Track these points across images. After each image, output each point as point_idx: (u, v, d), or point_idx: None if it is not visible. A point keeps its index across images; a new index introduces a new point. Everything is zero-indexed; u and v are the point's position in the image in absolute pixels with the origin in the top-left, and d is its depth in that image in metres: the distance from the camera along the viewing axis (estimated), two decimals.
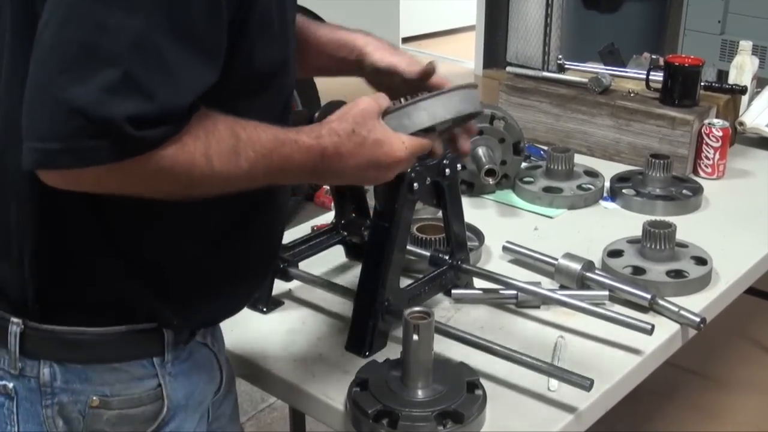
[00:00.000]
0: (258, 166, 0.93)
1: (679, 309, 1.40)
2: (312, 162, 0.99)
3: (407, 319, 1.12)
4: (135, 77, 0.81)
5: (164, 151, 0.85)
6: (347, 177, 1.04)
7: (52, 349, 1.00)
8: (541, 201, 1.85)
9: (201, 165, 0.88)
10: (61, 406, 1.00)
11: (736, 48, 2.31)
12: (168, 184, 0.89)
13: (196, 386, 1.10)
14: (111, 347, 1.01)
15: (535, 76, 2.23)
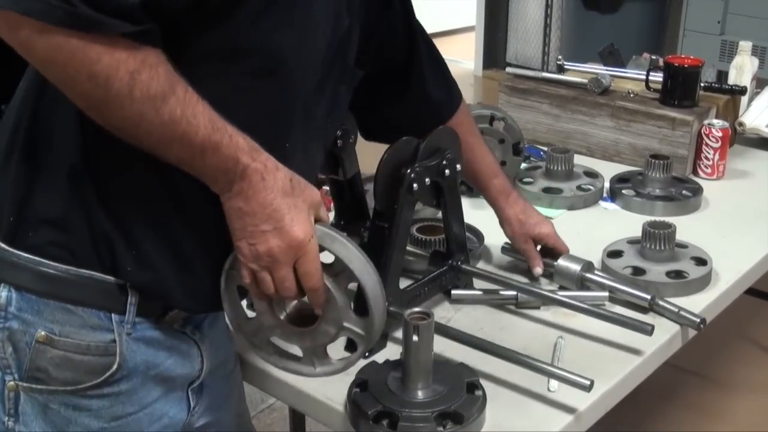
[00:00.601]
0: (178, 127, 0.90)
1: (679, 309, 1.40)
2: (234, 164, 0.94)
3: (407, 319, 1.12)
4: None
5: (93, 42, 0.84)
6: (247, 207, 0.97)
7: (12, 274, 1.01)
8: (540, 202, 1.85)
9: (122, 80, 0.86)
10: (11, 332, 1.01)
11: (736, 48, 2.31)
12: (85, 80, 0.86)
13: (162, 361, 1.08)
14: (70, 287, 1.01)
15: (534, 76, 2.23)
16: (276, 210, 0.97)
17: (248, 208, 0.97)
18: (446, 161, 1.32)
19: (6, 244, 1.02)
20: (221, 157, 0.94)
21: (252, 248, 0.99)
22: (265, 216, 0.97)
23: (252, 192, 0.96)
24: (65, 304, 1.01)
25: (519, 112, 2.16)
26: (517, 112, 2.15)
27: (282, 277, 1.01)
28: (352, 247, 1.08)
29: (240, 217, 0.98)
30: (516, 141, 1.87)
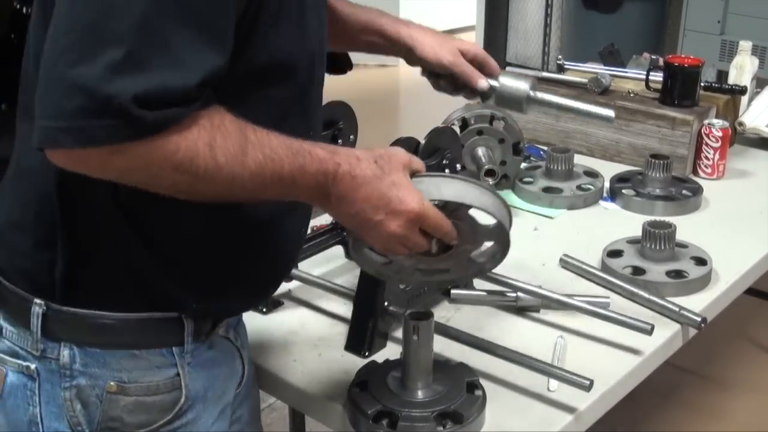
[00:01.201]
0: (266, 170, 0.91)
1: (680, 309, 1.40)
2: (323, 176, 0.95)
3: (407, 319, 1.12)
4: (139, 56, 0.81)
5: (167, 136, 0.84)
6: (354, 208, 0.97)
7: (72, 332, 1.01)
8: (540, 201, 1.85)
9: (204, 156, 0.86)
10: (79, 389, 1.01)
11: (736, 48, 2.31)
12: (171, 173, 0.87)
13: (216, 379, 1.10)
14: (131, 333, 1.01)
15: (534, 76, 2.22)
16: (379, 197, 0.97)
17: (354, 209, 0.97)
18: (446, 160, 1.32)
19: (61, 304, 1.00)
20: (310, 178, 0.94)
21: (376, 238, 1.00)
22: (373, 208, 0.97)
23: (350, 194, 0.96)
24: (130, 350, 1.01)
25: None
26: None
27: (414, 244, 1.00)
28: (455, 183, 1.04)
29: (351, 218, 0.98)
30: (516, 140, 1.87)
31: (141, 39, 0.82)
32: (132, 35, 0.82)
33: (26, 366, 1.02)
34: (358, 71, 1.49)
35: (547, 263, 1.60)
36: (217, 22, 0.87)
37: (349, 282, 1.46)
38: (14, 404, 1.03)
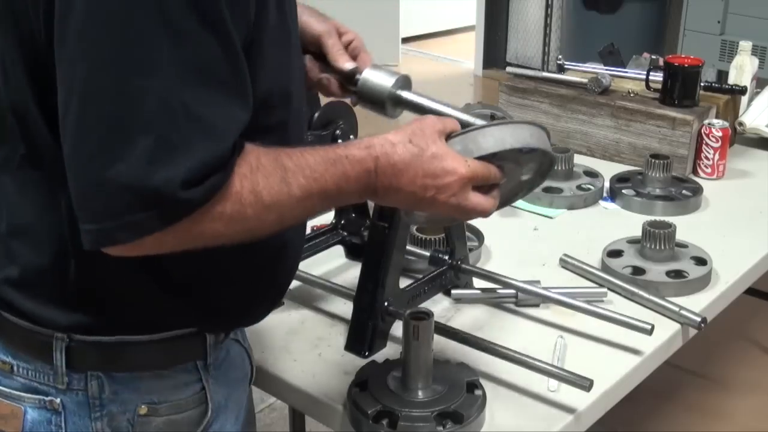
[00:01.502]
0: (312, 190, 0.91)
1: (680, 309, 1.41)
2: (366, 175, 0.94)
3: (407, 319, 1.12)
4: (171, 139, 0.80)
5: (214, 202, 0.84)
6: (403, 193, 0.96)
7: (98, 361, 0.99)
8: (540, 201, 1.85)
9: (251, 203, 0.86)
10: (110, 416, 1.00)
11: (736, 48, 2.31)
12: (226, 230, 0.87)
13: (235, 386, 1.11)
14: (157, 354, 1.01)
15: (534, 76, 2.23)
16: (424, 175, 0.96)
17: (403, 194, 0.97)
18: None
19: (85, 335, 0.98)
20: (354, 182, 0.94)
21: (439, 210, 0.99)
22: (421, 188, 0.96)
23: (395, 182, 0.95)
24: (158, 371, 1.01)
25: (519, 111, 2.16)
26: (518, 111, 2.15)
27: (469, 207, 1.00)
28: (490, 131, 1.02)
29: (403, 203, 0.99)
30: None
31: (168, 120, 0.80)
32: (158, 119, 0.80)
33: (49, 401, 0.99)
34: None
35: (547, 263, 1.60)
36: (233, 75, 0.85)
37: (349, 282, 1.46)
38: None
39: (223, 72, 0.84)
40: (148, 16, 0.80)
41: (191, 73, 0.82)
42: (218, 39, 0.83)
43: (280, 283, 1.12)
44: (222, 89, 0.84)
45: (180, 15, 0.81)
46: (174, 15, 0.80)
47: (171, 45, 0.80)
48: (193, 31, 0.81)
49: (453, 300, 1.45)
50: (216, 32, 0.83)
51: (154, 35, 0.80)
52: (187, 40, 0.81)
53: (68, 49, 0.82)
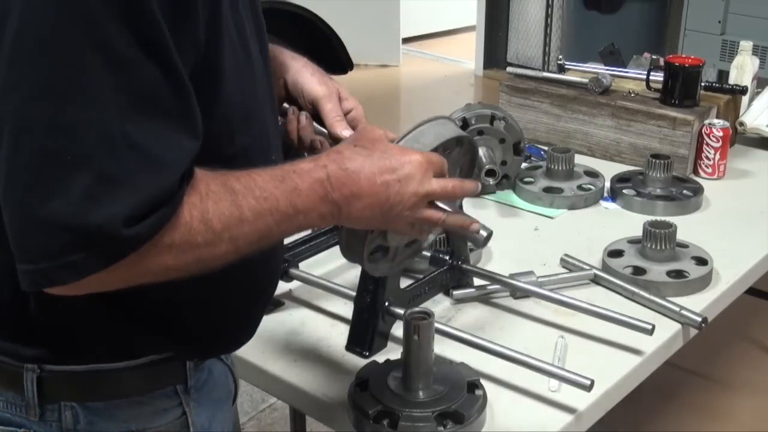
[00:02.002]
0: (263, 211, 0.86)
1: (681, 309, 1.41)
2: (319, 185, 0.89)
3: (407, 319, 1.12)
4: (111, 174, 0.75)
5: (162, 234, 0.79)
6: (366, 198, 0.92)
7: (71, 390, 0.95)
8: (541, 201, 1.85)
9: (201, 232, 0.81)
10: None
11: (737, 48, 2.31)
12: (175, 263, 0.82)
13: (219, 406, 1.06)
14: (133, 380, 0.96)
15: (535, 76, 2.23)
16: (382, 173, 0.93)
17: (370, 201, 0.92)
18: None
19: (56, 364, 0.93)
20: (307, 195, 0.89)
21: (403, 212, 0.95)
22: (384, 185, 0.93)
23: (353, 188, 0.91)
24: (135, 398, 0.96)
25: (520, 111, 2.16)
26: (518, 111, 2.15)
27: (438, 194, 0.98)
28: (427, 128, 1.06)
29: (370, 212, 0.94)
30: (517, 140, 1.87)
31: (108, 153, 0.75)
32: (97, 152, 0.75)
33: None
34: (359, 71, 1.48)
35: (547, 263, 1.60)
36: (178, 103, 0.80)
37: (349, 282, 1.46)
38: None
39: (167, 101, 0.79)
40: (86, 43, 0.74)
41: (133, 103, 0.76)
42: (161, 67, 0.78)
43: (255, 312, 1.08)
44: (166, 118, 0.79)
45: (120, 42, 0.75)
46: (113, 42, 0.75)
47: (110, 74, 0.75)
48: (134, 59, 0.76)
49: (454, 300, 1.45)
50: (158, 60, 0.78)
51: (93, 63, 0.74)
52: (128, 68, 0.76)
53: (1, 76, 0.76)
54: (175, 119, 0.80)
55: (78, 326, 0.93)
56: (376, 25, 6.14)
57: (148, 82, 0.77)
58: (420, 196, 0.96)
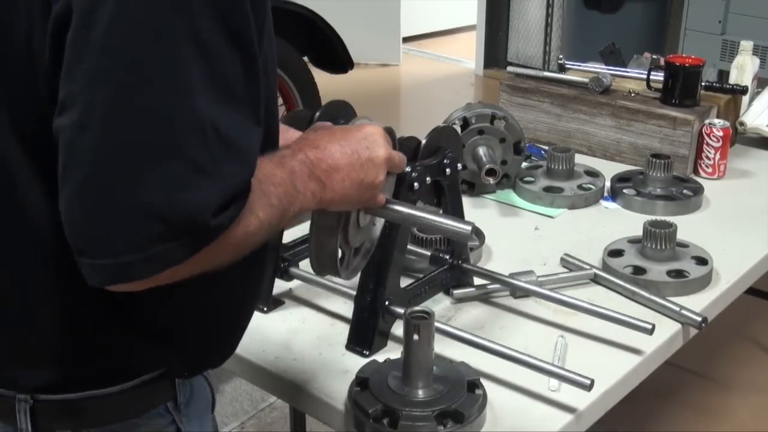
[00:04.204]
0: (281, 196, 0.87)
1: (681, 308, 1.41)
2: (306, 167, 0.92)
3: (408, 318, 1.12)
4: (202, 164, 0.76)
5: (238, 223, 0.80)
6: (342, 170, 0.96)
7: (67, 419, 0.93)
8: (541, 201, 1.85)
9: (255, 224, 0.83)
10: None
11: (737, 48, 2.31)
12: (233, 253, 0.83)
13: (204, 417, 1.06)
14: (128, 403, 0.95)
15: (535, 75, 2.23)
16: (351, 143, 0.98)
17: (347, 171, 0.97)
18: (447, 160, 1.32)
19: (50, 393, 0.92)
20: (300, 177, 0.92)
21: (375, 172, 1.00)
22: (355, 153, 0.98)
23: (332, 161, 0.95)
24: (130, 420, 0.96)
25: (520, 111, 2.16)
26: (518, 111, 2.15)
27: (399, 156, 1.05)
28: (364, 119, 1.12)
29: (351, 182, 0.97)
30: (517, 140, 1.87)
31: (198, 143, 0.76)
32: (189, 142, 0.75)
33: None
34: (360, 70, 1.48)
35: (547, 263, 1.60)
36: (254, 97, 0.82)
37: (349, 281, 1.46)
38: None
39: (246, 94, 0.80)
40: (180, 32, 0.75)
41: (218, 92, 0.77)
42: (244, 60, 0.79)
43: (243, 321, 1.07)
44: (246, 111, 0.81)
45: (211, 33, 0.76)
46: (205, 32, 0.76)
47: (201, 64, 0.76)
48: (224, 51, 0.77)
49: (454, 299, 1.45)
50: (244, 52, 0.79)
51: (187, 54, 0.75)
52: (217, 59, 0.77)
53: (87, 68, 0.74)
54: (252, 112, 0.81)
55: (77, 348, 0.92)
56: (376, 25, 6.14)
57: (233, 75, 0.79)
58: (388, 159, 1.01)
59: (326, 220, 1.06)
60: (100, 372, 0.93)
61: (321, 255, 1.10)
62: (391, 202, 1.10)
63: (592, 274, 1.52)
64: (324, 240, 1.08)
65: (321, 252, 1.10)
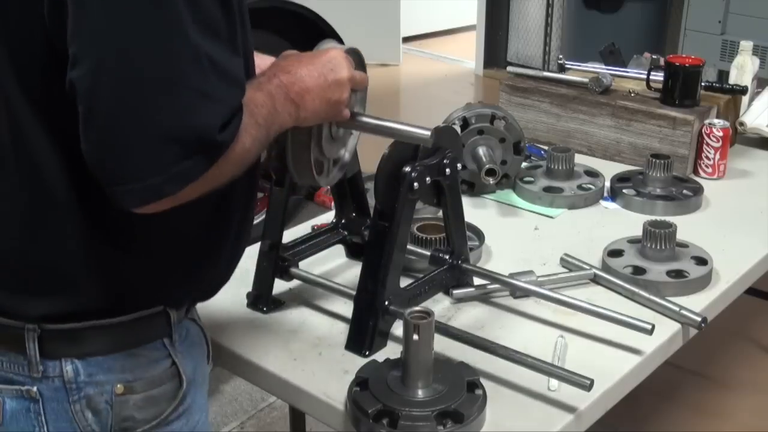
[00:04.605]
0: (267, 116, 1.00)
1: (680, 308, 1.41)
2: (282, 90, 1.04)
3: (407, 318, 1.12)
4: (205, 90, 0.89)
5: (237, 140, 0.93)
6: (312, 91, 1.08)
7: (71, 347, 1.02)
8: (541, 201, 1.85)
9: (248, 141, 0.96)
10: (88, 399, 1.03)
11: (737, 48, 2.31)
12: (234, 169, 0.96)
13: (198, 361, 1.14)
14: (128, 334, 1.04)
15: (535, 75, 2.23)
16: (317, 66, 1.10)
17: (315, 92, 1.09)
18: (447, 160, 1.32)
19: (57, 323, 1.01)
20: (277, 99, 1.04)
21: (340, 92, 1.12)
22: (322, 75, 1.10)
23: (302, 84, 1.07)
24: (130, 350, 1.05)
25: (520, 111, 2.16)
26: (518, 111, 2.15)
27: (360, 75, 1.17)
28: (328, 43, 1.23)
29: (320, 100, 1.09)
30: (517, 140, 1.87)
31: (199, 73, 0.88)
32: (191, 73, 0.88)
33: (26, 390, 1.02)
34: None
35: (547, 263, 1.60)
36: (232, 33, 0.94)
37: (349, 281, 1.46)
38: (18, 429, 1.03)
39: (226, 32, 0.92)
40: None
41: (206, 30, 0.89)
42: (223, 4, 0.91)
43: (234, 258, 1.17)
44: (228, 46, 0.93)
45: None
46: None
47: (187, 7, 0.87)
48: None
49: (453, 299, 1.45)
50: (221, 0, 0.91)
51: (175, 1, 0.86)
52: (200, 3, 0.89)
53: (90, 22, 0.86)
54: (228, 41, 0.93)
55: (78, 277, 1.01)
56: (376, 24, 6.12)
57: (212, 14, 0.90)
58: (350, 79, 1.13)
59: (300, 135, 1.18)
60: (101, 305, 1.02)
61: (298, 166, 1.22)
62: (359, 115, 1.22)
63: (592, 275, 1.52)
64: (299, 152, 1.20)
65: (298, 163, 1.21)
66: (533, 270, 1.50)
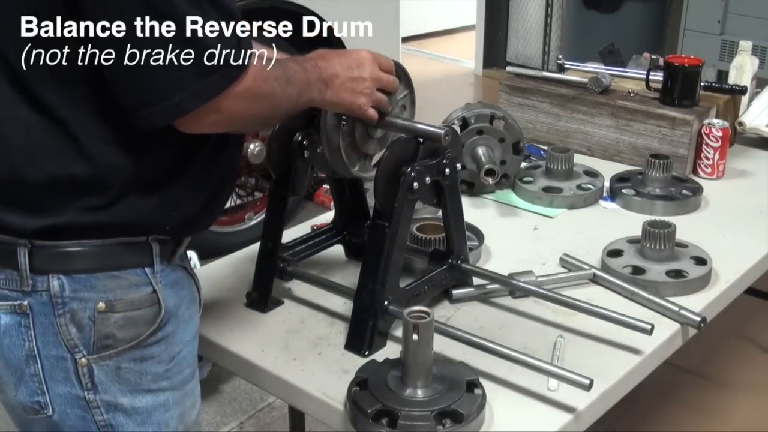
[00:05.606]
0: (299, 81, 1.15)
1: (680, 308, 1.41)
2: (316, 70, 1.19)
3: (407, 318, 1.12)
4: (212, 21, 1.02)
5: (256, 72, 1.06)
6: (341, 76, 1.23)
7: (58, 263, 1.10)
8: (540, 201, 1.85)
9: (271, 85, 1.10)
10: (72, 313, 1.10)
11: (736, 48, 2.31)
12: (268, 106, 1.11)
13: (183, 299, 1.20)
14: (110, 257, 1.12)
15: (535, 75, 2.23)
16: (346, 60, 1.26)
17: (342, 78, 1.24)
18: (447, 160, 1.32)
19: (45, 239, 1.09)
20: (312, 75, 1.19)
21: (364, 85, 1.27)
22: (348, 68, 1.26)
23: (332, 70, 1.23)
24: (111, 272, 1.12)
25: (519, 111, 2.16)
26: (518, 111, 2.15)
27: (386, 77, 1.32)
28: None
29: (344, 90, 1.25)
30: (516, 140, 1.87)
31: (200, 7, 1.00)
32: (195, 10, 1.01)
33: (18, 305, 1.10)
34: None
35: (547, 263, 1.60)
36: None
37: (348, 281, 1.46)
38: (10, 343, 1.12)
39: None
40: None
41: None
42: None
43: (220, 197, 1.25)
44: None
45: None
46: None
47: None
48: None
49: (453, 299, 1.45)
50: None
51: None
52: None
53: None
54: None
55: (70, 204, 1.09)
56: (375, 24, 6.09)
57: None
58: (369, 76, 1.27)
59: (331, 120, 1.31)
60: (86, 226, 1.10)
61: (331, 148, 1.33)
62: (389, 116, 1.33)
63: (591, 274, 1.52)
64: (332, 136, 1.32)
65: (330, 145, 1.32)
66: (532, 270, 1.50)
